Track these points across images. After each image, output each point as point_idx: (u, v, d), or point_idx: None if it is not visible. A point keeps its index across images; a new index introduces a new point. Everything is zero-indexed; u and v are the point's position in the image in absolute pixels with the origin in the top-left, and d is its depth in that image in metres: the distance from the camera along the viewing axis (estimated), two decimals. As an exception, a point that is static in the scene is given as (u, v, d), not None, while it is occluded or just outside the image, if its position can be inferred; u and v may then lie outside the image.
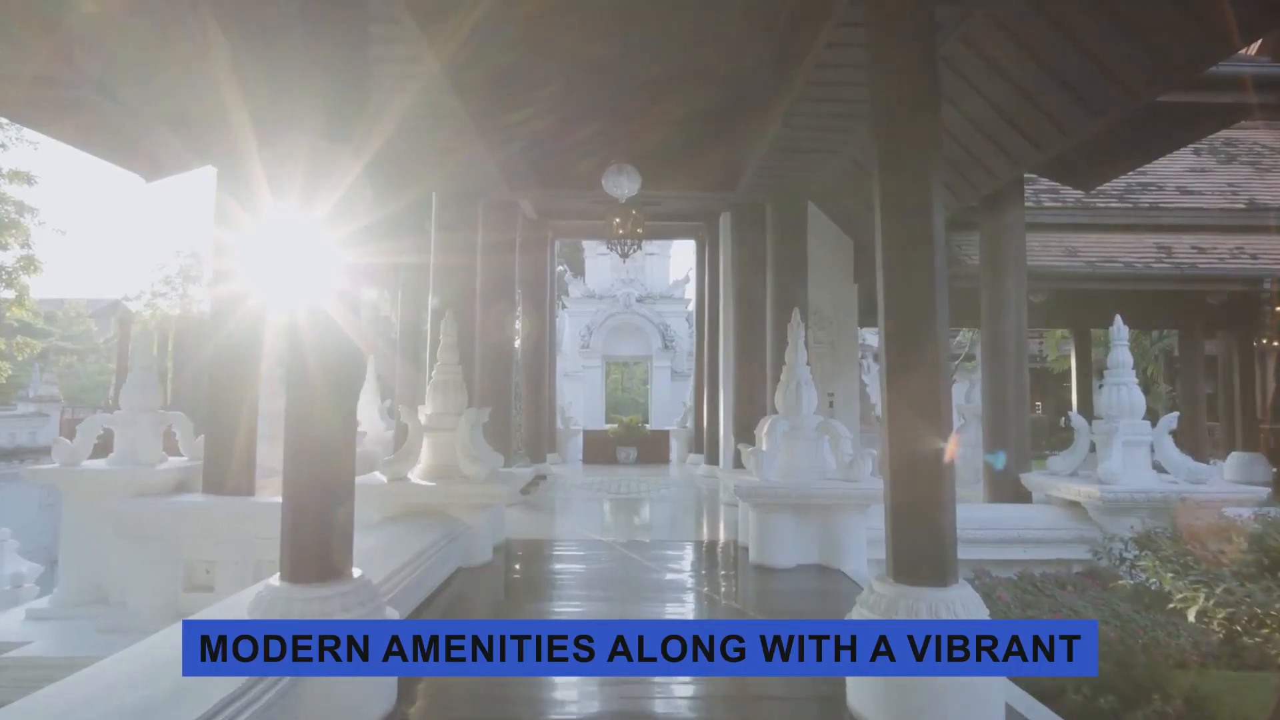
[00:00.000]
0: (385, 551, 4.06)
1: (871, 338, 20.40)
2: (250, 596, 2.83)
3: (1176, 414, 5.83)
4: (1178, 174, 9.48)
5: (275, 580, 2.81)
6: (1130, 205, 8.92)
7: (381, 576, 3.31)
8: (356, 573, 2.93)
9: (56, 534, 6.46)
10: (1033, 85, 3.81)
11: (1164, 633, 4.17)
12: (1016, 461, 6.37)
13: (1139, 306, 9.48)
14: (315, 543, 2.79)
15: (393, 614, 3.04)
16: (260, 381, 6.18)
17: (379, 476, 5.31)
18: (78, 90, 5.03)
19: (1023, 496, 6.36)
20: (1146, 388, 13.29)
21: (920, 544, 2.87)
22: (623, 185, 4.85)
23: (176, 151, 6.39)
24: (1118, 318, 5.95)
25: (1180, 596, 3.94)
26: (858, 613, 2.93)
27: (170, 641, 2.49)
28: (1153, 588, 4.26)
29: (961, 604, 2.72)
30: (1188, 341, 9.55)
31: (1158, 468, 5.86)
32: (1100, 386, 6.00)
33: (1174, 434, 5.86)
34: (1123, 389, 5.82)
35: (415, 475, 5.46)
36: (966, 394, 9.51)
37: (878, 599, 2.85)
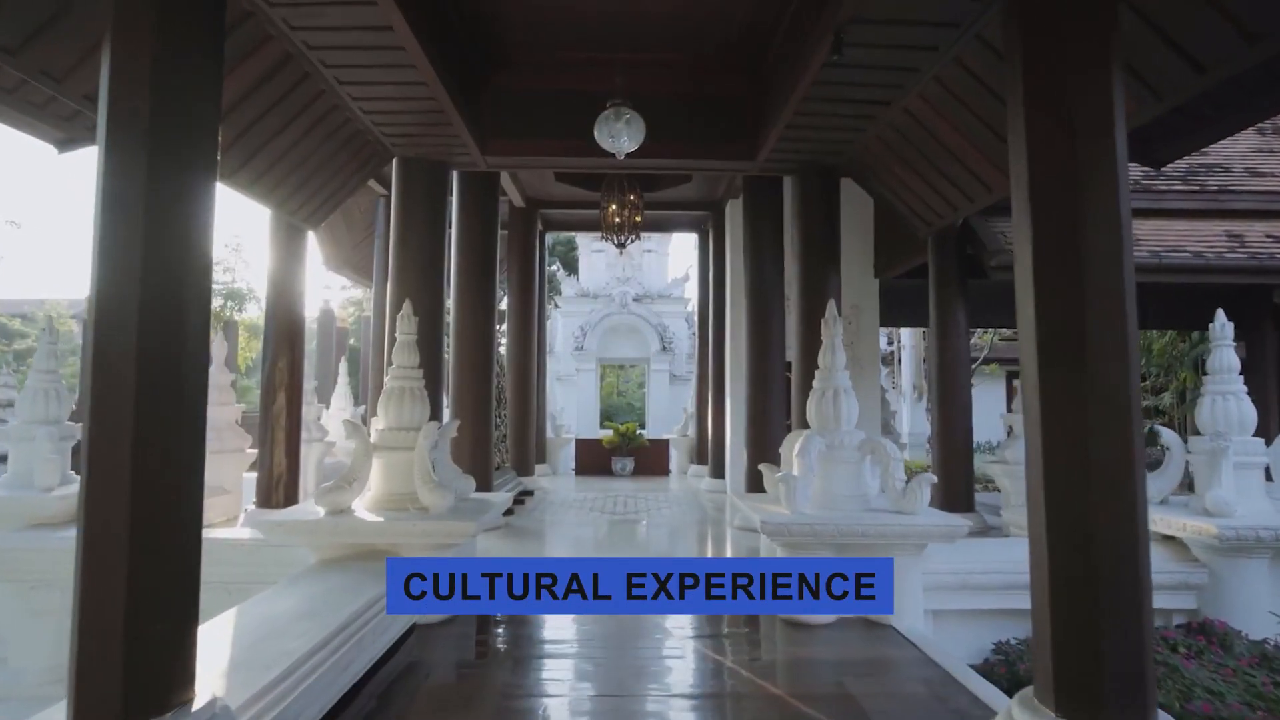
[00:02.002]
0: (304, 618, 2.97)
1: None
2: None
3: (1297, 429, 4.82)
4: (1243, 154, 8.47)
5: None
6: (1196, 188, 7.88)
7: (262, 683, 2.21)
8: (203, 697, 1.85)
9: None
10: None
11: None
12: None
13: (1187, 302, 8.47)
14: (124, 654, 1.71)
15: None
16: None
17: (315, 508, 4.22)
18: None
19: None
20: (1183, 397, 12.25)
21: (1103, 650, 1.81)
22: (620, 135, 3.79)
23: (92, 119, 5.42)
24: (1220, 312, 4.92)
25: None
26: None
27: None
28: None
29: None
30: (1256, 343, 8.51)
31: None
32: (1200, 395, 4.96)
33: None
34: (1230, 399, 4.78)
35: (363, 506, 4.38)
36: (1014, 403, 8.46)
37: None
